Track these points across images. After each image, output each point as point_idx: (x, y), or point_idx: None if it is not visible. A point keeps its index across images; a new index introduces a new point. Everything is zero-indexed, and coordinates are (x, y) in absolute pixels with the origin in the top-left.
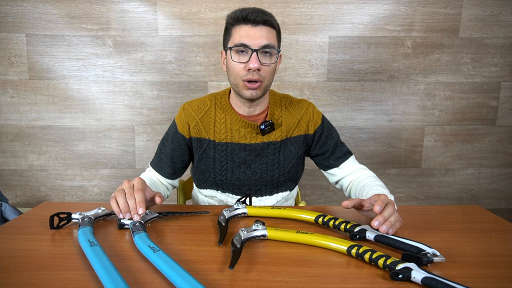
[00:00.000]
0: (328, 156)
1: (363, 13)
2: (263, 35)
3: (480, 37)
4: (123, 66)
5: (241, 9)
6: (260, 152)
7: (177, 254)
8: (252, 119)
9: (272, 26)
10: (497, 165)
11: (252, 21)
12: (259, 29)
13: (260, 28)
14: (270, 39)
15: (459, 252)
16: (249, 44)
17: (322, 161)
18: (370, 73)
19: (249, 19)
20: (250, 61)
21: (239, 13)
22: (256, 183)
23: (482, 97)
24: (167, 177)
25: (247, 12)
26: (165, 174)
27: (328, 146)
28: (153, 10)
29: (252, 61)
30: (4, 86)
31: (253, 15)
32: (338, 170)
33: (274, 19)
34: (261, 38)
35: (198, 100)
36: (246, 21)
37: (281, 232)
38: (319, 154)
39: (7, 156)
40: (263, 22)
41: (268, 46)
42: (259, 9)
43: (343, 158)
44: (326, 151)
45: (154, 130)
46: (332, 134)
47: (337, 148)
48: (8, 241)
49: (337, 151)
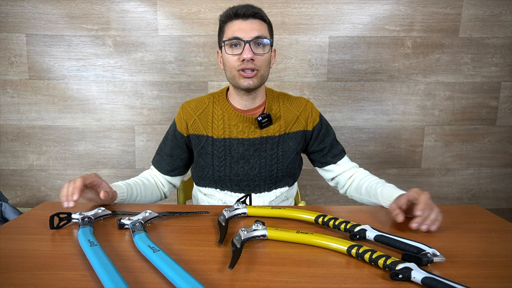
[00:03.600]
0: (325, 153)
1: (363, 13)
2: (254, 27)
3: (480, 37)
4: (123, 66)
5: (231, 7)
6: (258, 146)
7: (177, 254)
8: (250, 113)
9: (263, 19)
10: (497, 165)
11: (242, 15)
12: (250, 22)
13: (251, 21)
14: (262, 31)
15: (459, 252)
16: (241, 37)
17: (320, 158)
18: (370, 73)
19: (240, 13)
20: (244, 52)
21: (230, 11)
22: (254, 179)
23: (482, 97)
24: (165, 173)
25: (236, 8)
26: (163, 170)
27: (326, 144)
28: (153, 10)
29: (246, 52)
30: (4, 86)
31: (242, 9)
32: (336, 166)
33: (264, 13)
34: (252, 30)
35: (196, 99)
36: (237, 16)
37: (281, 232)
38: (317, 151)
39: (7, 156)
40: (253, 15)
41: (259, 37)
42: (248, 4)
43: (340, 156)
44: (323, 148)
45: (154, 130)
46: (329, 132)
47: (334, 146)
48: (8, 241)
49: (334, 149)
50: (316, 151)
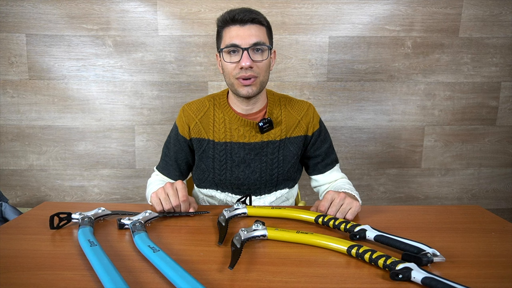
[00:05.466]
0: (318, 161)
1: (363, 13)
2: (252, 33)
3: (480, 37)
4: (123, 66)
5: (228, 11)
6: (259, 151)
7: (177, 254)
8: (251, 117)
9: (261, 23)
10: (497, 165)
11: (240, 20)
12: (247, 27)
13: (248, 26)
14: (260, 37)
15: (459, 252)
16: (239, 44)
17: (312, 165)
18: (370, 73)
19: (237, 19)
20: (242, 59)
21: (227, 15)
22: (255, 182)
23: (482, 97)
24: (176, 180)
25: (234, 13)
26: (173, 176)
27: (321, 151)
28: (153, 10)
29: (244, 60)
30: (4, 86)
31: (240, 15)
32: (321, 176)
33: (262, 16)
34: (250, 37)
35: (197, 102)
36: (234, 22)
37: (281, 232)
38: (311, 157)
39: (7, 156)
40: (250, 21)
41: (258, 44)
42: (246, 8)
43: (331, 165)
44: (318, 155)
45: (154, 130)
46: (326, 139)
47: (328, 154)
48: (8, 241)
49: (328, 158)
50: (310, 156)
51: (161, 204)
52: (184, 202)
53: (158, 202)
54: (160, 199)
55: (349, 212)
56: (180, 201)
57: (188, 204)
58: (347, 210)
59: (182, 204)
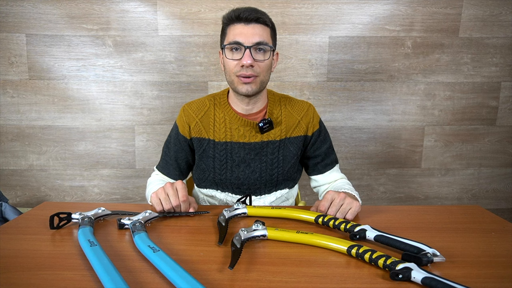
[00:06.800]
0: (318, 162)
1: (363, 13)
2: (256, 32)
3: (480, 37)
4: (123, 66)
5: (234, 9)
6: (259, 151)
7: (177, 254)
8: (251, 117)
9: (265, 23)
10: (497, 165)
11: (245, 19)
12: (252, 26)
13: (253, 26)
14: (263, 36)
15: (459, 252)
16: (242, 42)
17: (312, 165)
18: (370, 73)
19: (242, 17)
20: (243, 57)
21: (233, 13)
22: (255, 182)
23: (482, 97)
24: (176, 179)
25: (239, 11)
26: (173, 176)
27: (321, 151)
28: (153, 10)
29: (245, 58)
30: (4, 86)
31: (245, 13)
32: (321, 177)
33: (268, 17)
34: (253, 36)
35: (197, 101)
36: (239, 20)
37: (281, 232)
38: (311, 157)
39: (7, 156)
40: (255, 20)
41: (261, 43)
42: (252, 8)
43: (330, 166)
44: (318, 155)
45: (154, 130)
46: (326, 139)
47: (328, 155)
48: (8, 241)
49: (327, 158)
50: (310, 157)
51: (161, 204)
52: (184, 202)
53: (158, 202)
54: (160, 199)
55: (349, 212)
56: (180, 201)
57: (188, 204)
58: (347, 210)
59: (182, 204)
